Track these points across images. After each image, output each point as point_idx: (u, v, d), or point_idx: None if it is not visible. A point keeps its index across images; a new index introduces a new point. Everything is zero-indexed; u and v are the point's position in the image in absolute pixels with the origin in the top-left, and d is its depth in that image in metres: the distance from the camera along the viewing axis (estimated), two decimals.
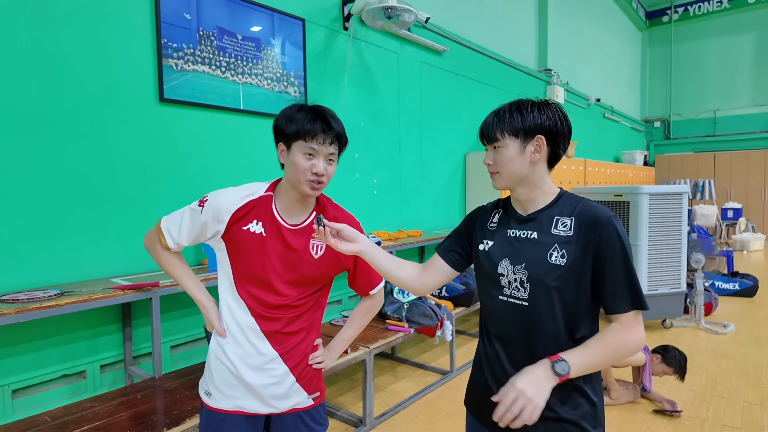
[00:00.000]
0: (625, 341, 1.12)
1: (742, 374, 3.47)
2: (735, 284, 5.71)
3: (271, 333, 1.35)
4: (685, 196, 4.39)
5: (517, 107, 1.20)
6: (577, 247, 1.14)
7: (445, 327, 3.10)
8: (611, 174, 8.62)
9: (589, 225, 1.13)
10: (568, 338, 1.16)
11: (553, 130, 1.18)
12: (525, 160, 1.19)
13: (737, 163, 11.22)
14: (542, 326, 1.16)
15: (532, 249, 1.18)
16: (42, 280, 2.29)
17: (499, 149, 1.21)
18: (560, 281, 1.14)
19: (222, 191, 1.35)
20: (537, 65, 7.53)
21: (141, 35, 2.64)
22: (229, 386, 1.36)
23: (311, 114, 1.29)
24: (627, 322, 1.12)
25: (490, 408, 1.23)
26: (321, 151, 1.29)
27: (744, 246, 9.27)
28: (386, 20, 3.82)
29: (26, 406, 2.24)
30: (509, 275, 1.21)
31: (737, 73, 11.90)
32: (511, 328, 1.21)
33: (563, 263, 1.14)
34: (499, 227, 1.27)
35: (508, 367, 1.21)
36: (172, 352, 2.77)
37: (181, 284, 1.44)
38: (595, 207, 1.17)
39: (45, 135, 2.29)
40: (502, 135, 1.20)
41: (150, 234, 1.45)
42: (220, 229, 1.32)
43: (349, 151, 3.98)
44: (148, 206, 2.66)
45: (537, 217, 1.22)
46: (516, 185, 1.23)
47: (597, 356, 1.11)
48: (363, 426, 2.73)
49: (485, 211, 1.35)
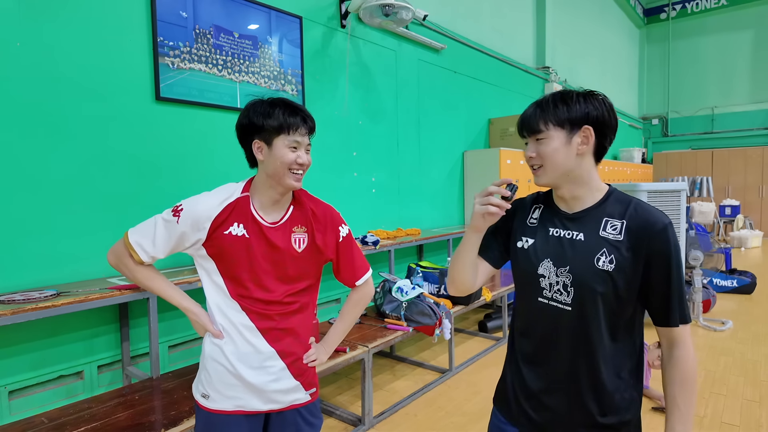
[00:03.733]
0: (690, 364, 1.09)
1: (740, 371, 3.48)
2: (733, 281, 5.72)
3: (266, 330, 1.35)
4: (683, 193, 4.39)
5: (561, 97, 1.12)
6: (628, 253, 1.07)
7: (444, 325, 3.10)
8: (609, 171, 8.63)
9: (643, 231, 1.07)
10: (611, 342, 1.11)
11: (600, 121, 1.11)
12: (571, 152, 1.11)
13: (735, 160, 11.24)
14: (586, 332, 1.11)
15: (577, 251, 1.11)
16: (38, 280, 2.27)
17: (543, 141, 1.12)
18: (607, 287, 1.07)
19: (197, 198, 1.32)
20: (535, 62, 7.52)
21: (137, 33, 2.62)
22: (228, 387, 1.35)
23: (287, 108, 1.30)
24: (682, 336, 1.09)
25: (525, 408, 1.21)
26: (303, 143, 1.32)
27: (742, 243, 9.29)
28: (384, 18, 3.80)
29: (23, 407, 2.23)
30: (551, 277, 1.14)
31: (735, 70, 11.91)
32: (552, 332, 1.15)
33: (611, 269, 1.07)
34: (540, 224, 1.19)
35: (548, 370, 1.17)
36: (169, 352, 2.77)
37: (163, 296, 1.40)
38: (650, 211, 1.10)
39: (40, 134, 2.27)
40: (546, 125, 1.11)
41: (116, 250, 1.37)
42: (201, 237, 1.30)
43: (347, 150, 4.00)
44: (144, 205, 2.64)
45: (584, 217, 1.14)
46: (561, 181, 1.14)
47: (689, 403, 1.09)
48: (362, 425, 2.72)
49: (525, 205, 1.26)
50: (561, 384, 1.15)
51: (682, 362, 1.09)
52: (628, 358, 1.14)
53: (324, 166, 3.80)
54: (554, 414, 1.16)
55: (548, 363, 1.17)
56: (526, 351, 1.22)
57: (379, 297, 3.30)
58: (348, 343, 2.72)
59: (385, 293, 3.27)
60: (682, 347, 1.09)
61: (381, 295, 3.30)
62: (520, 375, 1.23)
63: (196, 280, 2.36)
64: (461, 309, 3.54)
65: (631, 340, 1.14)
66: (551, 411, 1.17)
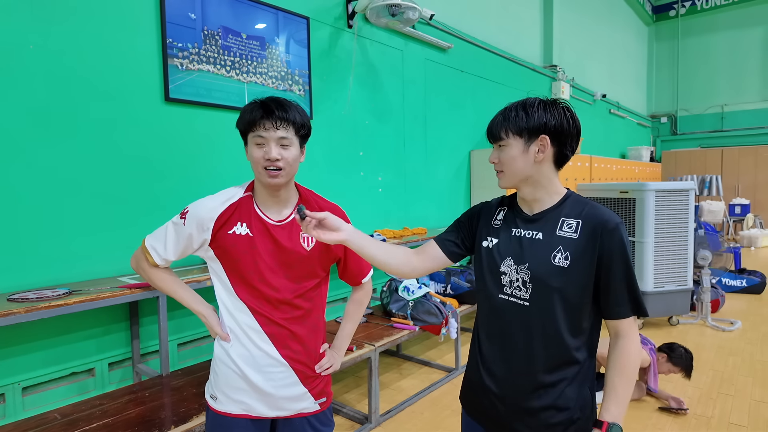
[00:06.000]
0: (633, 354, 1.16)
1: (749, 372, 3.46)
2: (742, 281, 5.67)
3: (274, 335, 1.34)
4: (691, 192, 4.36)
5: (523, 106, 1.18)
6: (582, 250, 1.14)
7: (450, 325, 3.10)
8: (617, 170, 8.57)
9: (596, 230, 1.13)
10: (570, 337, 1.16)
11: (558, 130, 1.16)
12: (529, 159, 1.18)
13: (745, 158, 11.11)
14: (542, 326, 1.16)
15: (536, 249, 1.18)
16: (51, 279, 2.31)
17: (504, 148, 1.21)
18: (562, 283, 1.14)
19: (201, 201, 1.35)
20: (542, 61, 7.48)
21: (146, 35, 2.65)
22: (235, 390, 1.36)
23: (256, 104, 1.29)
24: (627, 328, 1.16)
25: (486, 406, 1.26)
26: (269, 137, 1.27)
27: (752, 242, 9.20)
28: (391, 18, 3.81)
29: (36, 403, 2.27)
30: (511, 274, 1.20)
31: (746, 67, 11.77)
32: (510, 328, 1.21)
33: (566, 265, 1.14)
34: (504, 225, 1.27)
35: (504, 365, 1.22)
36: (179, 349, 2.80)
37: (176, 298, 1.44)
38: (603, 212, 1.16)
39: (52, 135, 2.31)
40: (506, 134, 1.19)
41: (136, 255, 1.46)
42: (207, 238, 1.32)
43: (353, 150, 4.01)
44: (154, 205, 2.68)
45: (542, 218, 1.21)
46: (521, 184, 1.22)
47: (627, 389, 1.15)
48: (368, 423, 2.74)
49: (490, 208, 1.34)
50: (517, 378, 1.20)
51: (626, 353, 1.16)
52: (584, 352, 1.19)
53: (331, 165, 3.82)
54: (509, 408, 1.21)
55: (505, 357, 1.22)
56: (486, 348, 1.27)
57: (386, 296, 3.32)
58: (355, 342, 2.73)
59: (392, 292, 3.29)
60: (627, 339, 1.16)
61: (387, 294, 3.31)
62: (477, 371, 1.28)
63: (206, 279, 2.39)
64: (468, 308, 3.55)
65: (589, 336, 1.20)
66: (506, 405, 1.22)
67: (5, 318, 1.79)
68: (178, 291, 1.44)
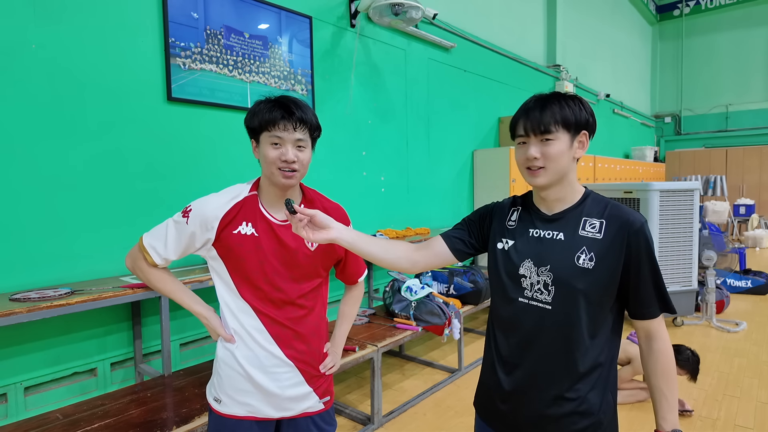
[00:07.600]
0: (669, 354, 1.14)
1: (754, 373, 3.43)
2: (747, 282, 5.64)
3: (278, 335, 1.33)
4: (696, 192, 4.33)
5: (564, 99, 1.13)
6: (606, 251, 1.10)
7: (453, 325, 3.09)
8: (621, 170, 8.54)
9: (621, 230, 1.10)
10: (593, 340, 1.12)
11: (593, 128, 1.16)
12: (571, 155, 1.13)
13: (750, 158, 11.07)
14: (565, 330, 1.12)
15: (558, 250, 1.13)
16: (53, 278, 2.31)
17: (551, 143, 1.11)
18: (587, 285, 1.09)
19: (205, 199, 1.32)
20: (546, 61, 7.46)
21: (149, 35, 2.65)
22: (240, 392, 1.34)
23: (271, 103, 1.26)
24: (657, 327, 1.13)
25: (504, 412, 1.21)
26: (287, 138, 1.25)
27: (756, 243, 9.14)
28: (393, 17, 3.80)
29: (38, 403, 2.27)
30: (532, 277, 1.15)
31: (750, 67, 11.72)
32: (531, 332, 1.16)
33: (591, 266, 1.09)
34: (520, 226, 1.21)
35: (525, 370, 1.18)
36: (181, 349, 2.79)
37: (175, 299, 1.40)
38: (627, 211, 1.13)
39: (54, 134, 2.31)
40: (557, 127, 1.10)
41: (132, 253, 1.39)
42: (211, 237, 1.30)
43: (356, 149, 4.00)
44: (156, 205, 2.67)
45: (563, 218, 1.16)
46: (556, 182, 1.15)
47: (674, 392, 1.13)
48: (371, 424, 2.73)
49: (502, 208, 1.28)
50: (537, 383, 1.16)
51: (663, 355, 1.13)
52: (606, 356, 1.15)
53: (333, 165, 3.81)
54: (529, 414, 1.17)
55: (526, 363, 1.18)
56: (504, 352, 1.22)
57: (389, 296, 3.30)
58: (357, 342, 2.72)
59: (395, 293, 3.27)
60: (660, 340, 1.13)
61: (390, 294, 3.30)
62: (495, 376, 1.23)
63: (207, 279, 2.38)
64: (470, 309, 3.53)
65: (611, 338, 1.16)
66: (527, 411, 1.17)
67: (7, 318, 1.79)
68: (177, 292, 1.41)
